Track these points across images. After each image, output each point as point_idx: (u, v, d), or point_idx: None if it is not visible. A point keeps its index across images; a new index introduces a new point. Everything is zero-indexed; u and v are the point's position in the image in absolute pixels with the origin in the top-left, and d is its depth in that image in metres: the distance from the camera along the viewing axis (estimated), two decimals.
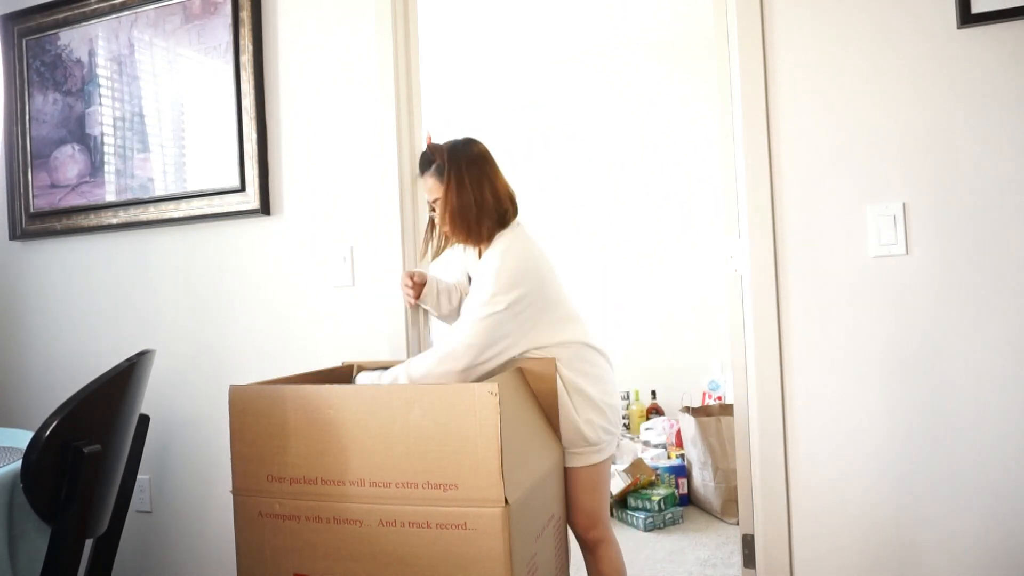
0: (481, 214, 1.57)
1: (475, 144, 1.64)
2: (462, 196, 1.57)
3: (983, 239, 1.52)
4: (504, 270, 1.49)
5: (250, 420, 1.35)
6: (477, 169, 1.59)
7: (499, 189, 1.61)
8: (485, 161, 1.62)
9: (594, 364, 1.61)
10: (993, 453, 1.52)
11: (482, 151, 1.63)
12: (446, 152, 1.60)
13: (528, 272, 1.52)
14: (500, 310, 1.47)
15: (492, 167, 1.63)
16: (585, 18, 3.80)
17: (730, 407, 3.15)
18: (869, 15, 1.60)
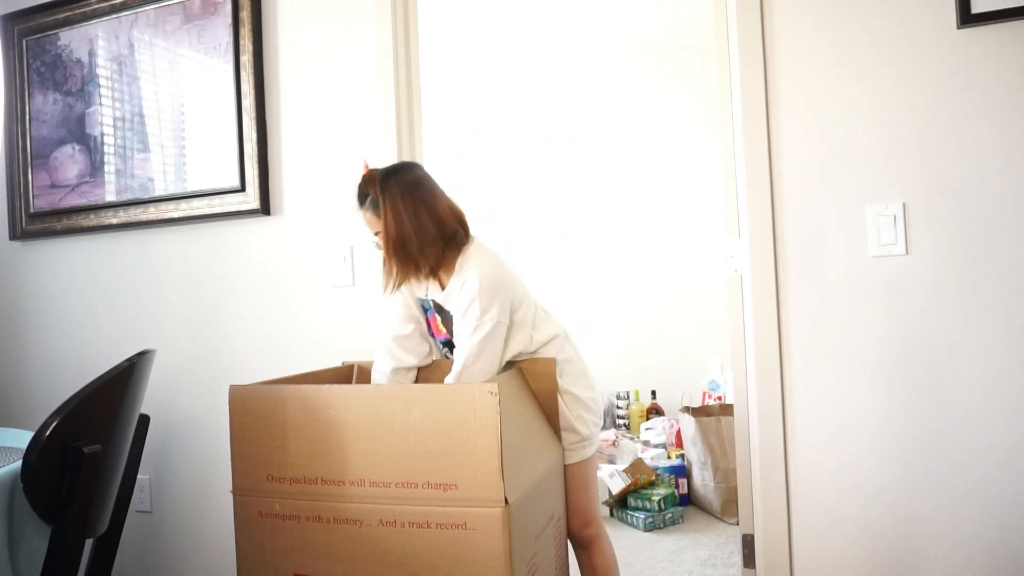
0: (423, 244, 1.50)
1: (409, 171, 1.55)
2: (401, 228, 1.49)
3: (983, 239, 1.52)
4: (484, 289, 1.48)
5: (250, 420, 1.35)
6: (412, 197, 1.50)
7: (440, 214, 1.52)
8: (419, 187, 1.52)
9: (574, 360, 1.65)
10: (993, 453, 1.52)
11: (416, 177, 1.54)
12: (379, 184, 1.52)
13: (502, 280, 1.53)
14: (492, 327, 1.48)
15: (429, 192, 1.53)
16: (584, 19, 3.80)
17: (730, 407, 3.15)
18: (869, 15, 1.60)
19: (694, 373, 4.11)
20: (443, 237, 1.52)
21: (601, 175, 4.44)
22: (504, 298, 1.51)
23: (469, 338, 1.48)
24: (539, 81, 4.58)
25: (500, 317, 1.49)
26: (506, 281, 1.54)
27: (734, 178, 1.80)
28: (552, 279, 4.45)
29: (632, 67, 4.36)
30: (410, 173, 1.55)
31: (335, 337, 2.06)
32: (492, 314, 1.48)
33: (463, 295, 1.50)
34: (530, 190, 4.59)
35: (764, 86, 1.67)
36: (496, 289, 1.50)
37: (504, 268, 1.56)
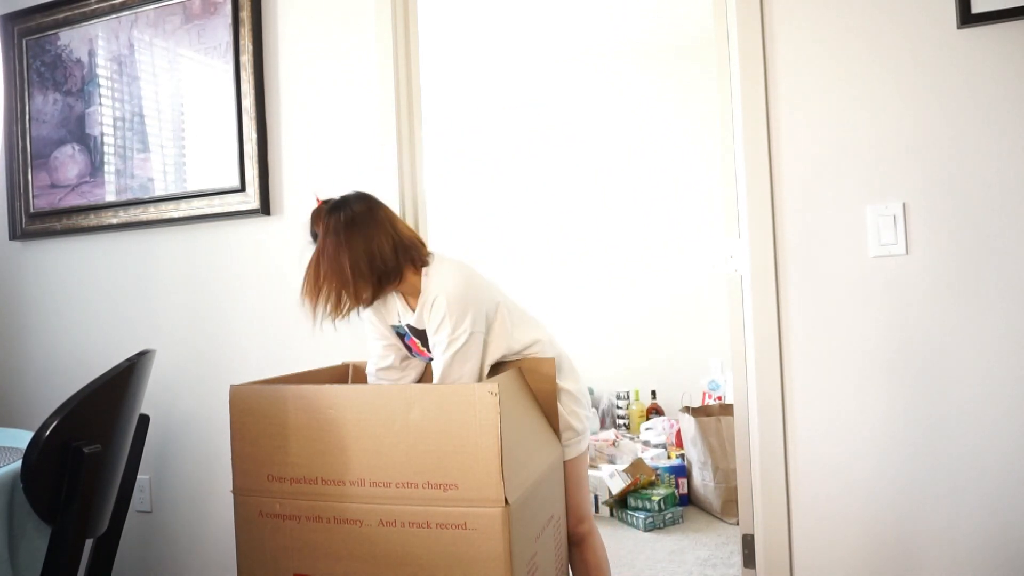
0: (358, 279, 1.49)
1: (351, 205, 1.54)
2: (328, 265, 1.48)
3: (983, 239, 1.53)
4: (452, 303, 1.48)
5: (250, 420, 1.35)
6: (347, 234, 1.49)
7: (376, 251, 1.49)
8: (357, 224, 1.50)
9: (563, 356, 1.67)
10: (993, 453, 1.52)
11: (356, 212, 1.52)
12: (322, 225, 1.52)
13: (470, 292, 1.52)
14: (467, 338, 1.48)
15: (369, 229, 1.51)
16: (584, 21, 3.80)
17: (730, 407, 3.15)
18: (869, 14, 1.60)
19: (694, 373, 4.11)
20: (376, 274, 1.50)
21: (601, 175, 4.44)
22: (477, 308, 1.51)
23: (443, 353, 1.48)
24: (539, 82, 4.58)
25: (475, 327, 1.49)
26: (475, 292, 1.53)
27: (734, 178, 1.80)
28: (552, 279, 4.45)
29: (632, 68, 4.36)
30: (347, 210, 1.52)
31: (335, 337, 2.05)
32: (465, 326, 1.48)
33: (433, 313, 1.50)
34: (530, 190, 4.59)
35: (764, 86, 1.67)
36: (466, 301, 1.49)
37: (470, 278, 1.54)
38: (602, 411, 4.24)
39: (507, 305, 1.62)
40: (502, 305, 1.60)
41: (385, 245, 1.51)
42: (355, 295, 1.50)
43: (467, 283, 1.53)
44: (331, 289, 1.48)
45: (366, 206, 1.55)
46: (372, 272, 1.49)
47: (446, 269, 1.55)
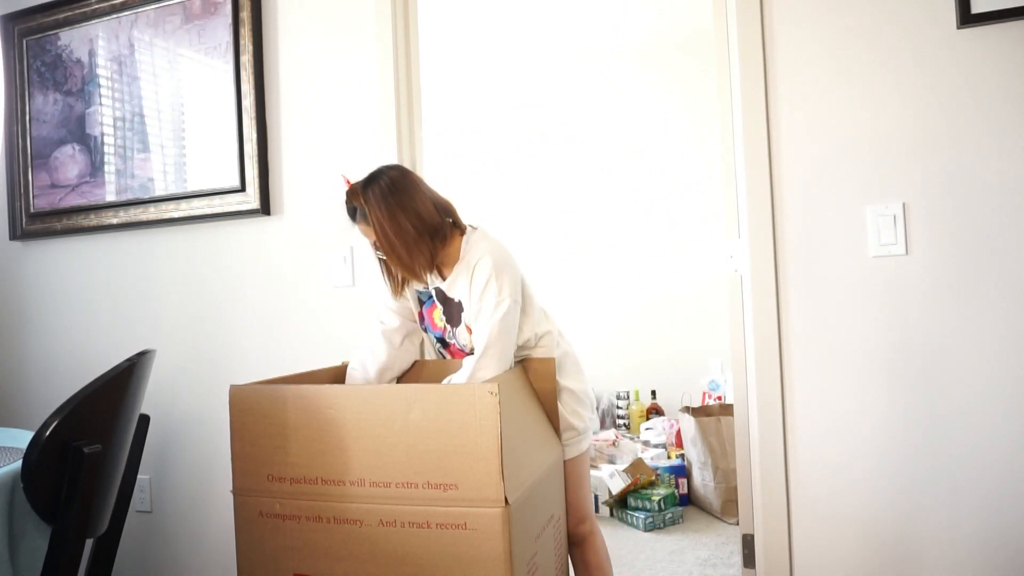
0: (409, 245, 1.52)
1: (386, 172, 1.58)
2: (386, 233, 1.52)
3: (983, 239, 1.53)
4: (498, 268, 1.51)
5: (250, 420, 1.35)
6: (388, 204, 1.52)
7: (423, 213, 1.54)
8: (395, 191, 1.54)
9: (569, 354, 1.67)
10: (993, 453, 1.52)
11: (394, 178, 1.56)
12: (361, 195, 1.56)
13: (511, 263, 1.56)
14: (510, 305, 1.50)
15: (408, 192, 1.55)
16: (583, 20, 3.80)
17: (730, 407, 3.15)
18: (869, 14, 1.60)
19: (694, 373, 4.11)
20: (428, 233, 1.54)
21: (601, 175, 4.44)
22: (515, 279, 1.54)
23: (490, 317, 1.49)
24: (539, 82, 4.58)
25: (515, 296, 1.51)
26: (514, 264, 1.57)
27: (734, 178, 1.80)
28: (552, 279, 4.45)
29: (631, 67, 4.36)
30: (384, 178, 1.56)
31: (335, 337, 2.06)
32: (506, 292, 1.50)
33: (477, 277, 1.51)
34: (530, 190, 4.59)
35: (764, 86, 1.67)
36: (511, 268, 1.53)
37: (509, 251, 1.59)
38: (602, 411, 4.24)
39: (531, 293, 1.63)
40: (528, 292, 1.62)
41: (428, 203, 1.56)
42: (420, 254, 1.54)
43: (508, 253, 1.57)
44: (411, 250, 1.53)
45: (399, 172, 1.59)
46: (425, 230, 1.53)
47: (491, 240, 1.59)
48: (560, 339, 1.67)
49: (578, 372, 1.68)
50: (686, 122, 4.23)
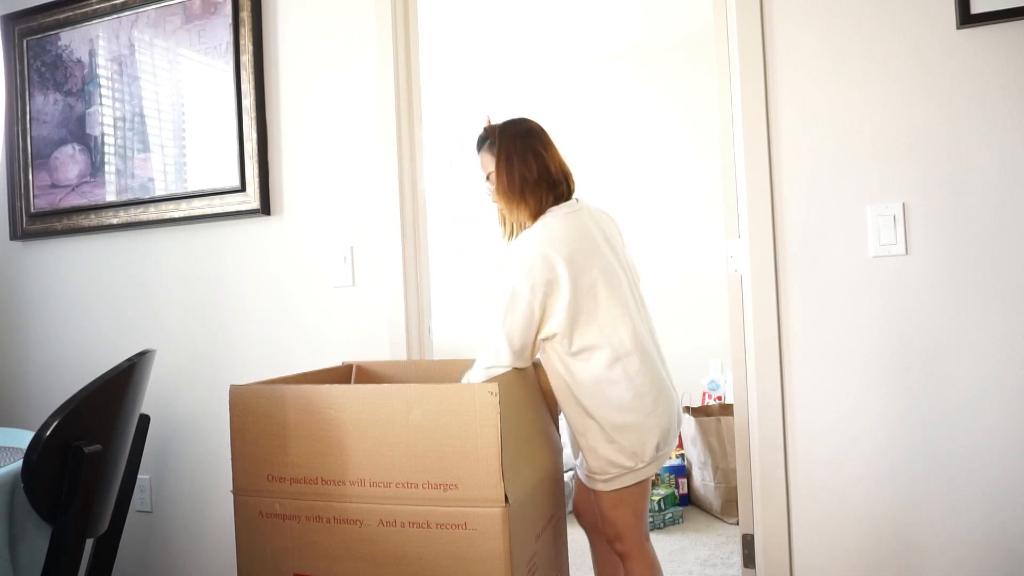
0: (526, 187, 1.54)
1: (527, 121, 1.63)
2: (510, 170, 1.55)
3: (983, 239, 1.53)
4: (527, 246, 1.45)
5: (250, 420, 1.35)
6: (523, 143, 1.56)
7: (548, 164, 1.56)
8: (534, 136, 1.59)
9: (613, 382, 1.44)
10: (993, 453, 1.52)
11: (532, 127, 1.61)
12: (498, 129, 1.61)
13: (551, 245, 1.44)
14: (518, 290, 1.42)
15: (542, 142, 1.59)
16: (582, 21, 3.80)
17: (730, 407, 3.15)
18: (869, 15, 1.60)
19: (694, 373, 4.10)
20: (547, 185, 1.54)
21: (600, 175, 4.44)
22: (546, 262, 1.42)
23: (498, 300, 1.45)
24: (538, 84, 4.58)
25: (533, 280, 1.41)
26: (552, 249, 1.43)
27: (734, 178, 1.80)
28: None
29: (630, 69, 4.36)
30: (528, 123, 1.61)
31: (335, 337, 2.06)
32: (523, 273, 1.43)
33: (512, 253, 1.49)
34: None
35: (764, 86, 1.67)
36: (541, 250, 1.43)
37: (565, 237, 1.46)
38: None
39: (582, 298, 1.45)
40: (582, 299, 1.44)
41: (556, 160, 1.58)
42: (530, 200, 1.54)
43: (559, 236, 1.46)
44: (524, 191, 1.53)
45: (538, 125, 1.62)
46: (545, 181, 1.55)
47: (566, 217, 1.51)
48: (613, 367, 1.44)
49: (615, 406, 1.44)
50: (685, 122, 4.23)
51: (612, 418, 1.44)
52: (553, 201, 1.55)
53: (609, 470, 1.46)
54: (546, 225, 1.49)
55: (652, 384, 1.47)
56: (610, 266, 1.51)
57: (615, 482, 1.47)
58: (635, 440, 1.45)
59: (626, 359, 1.45)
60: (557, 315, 1.43)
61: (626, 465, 1.45)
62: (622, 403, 1.44)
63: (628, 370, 1.44)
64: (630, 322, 1.49)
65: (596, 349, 1.44)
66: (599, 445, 1.46)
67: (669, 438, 1.51)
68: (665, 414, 1.49)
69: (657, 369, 1.51)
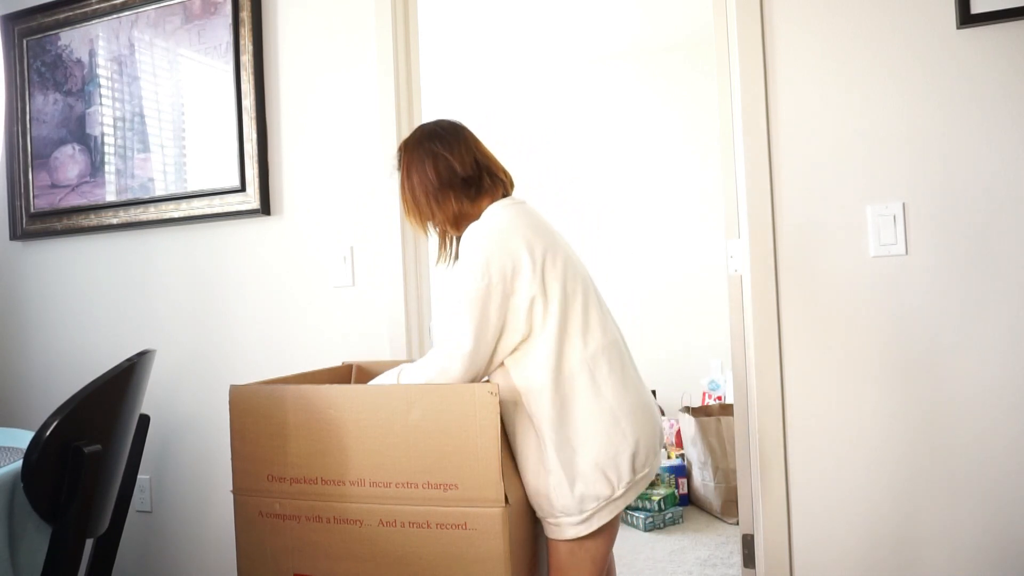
0: (430, 195, 1.36)
1: (430, 124, 1.44)
2: (411, 184, 1.38)
3: (983, 239, 1.53)
4: (477, 239, 1.27)
5: (250, 420, 1.35)
6: (421, 150, 1.38)
7: (454, 164, 1.36)
8: (434, 138, 1.39)
9: (570, 409, 1.24)
10: (992, 453, 1.52)
11: (431, 129, 1.41)
12: (401, 145, 1.44)
13: (506, 236, 1.26)
14: (475, 287, 1.23)
15: (445, 142, 1.38)
16: (582, 20, 3.80)
17: (730, 407, 3.15)
18: (869, 15, 1.61)
19: (694, 373, 4.11)
20: (459, 185, 1.36)
21: (600, 175, 4.44)
22: (504, 256, 1.24)
23: (451, 307, 1.26)
24: (537, 84, 4.58)
25: (489, 276, 1.23)
26: (510, 241, 1.25)
27: (734, 178, 1.80)
28: None
29: (630, 69, 4.36)
30: (427, 127, 1.43)
31: (335, 337, 2.06)
32: (478, 270, 1.23)
33: (460, 251, 1.30)
34: (530, 191, 4.59)
35: (764, 86, 1.67)
36: (497, 241, 1.26)
37: (520, 223, 1.28)
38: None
39: (581, 306, 1.27)
40: (581, 301, 1.27)
41: (468, 157, 1.38)
42: (440, 207, 1.37)
43: (512, 227, 1.27)
44: (428, 200, 1.37)
45: (450, 123, 1.44)
46: (455, 182, 1.35)
47: (508, 208, 1.32)
48: (579, 383, 1.25)
49: (582, 437, 1.24)
50: (685, 122, 4.23)
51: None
52: (476, 198, 1.37)
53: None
54: (492, 214, 1.31)
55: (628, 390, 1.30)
56: (574, 256, 1.34)
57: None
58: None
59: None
60: (525, 315, 1.24)
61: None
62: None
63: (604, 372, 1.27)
64: (607, 318, 1.33)
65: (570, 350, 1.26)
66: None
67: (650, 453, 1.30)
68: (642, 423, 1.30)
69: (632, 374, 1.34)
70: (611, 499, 1.24)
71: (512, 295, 1.24)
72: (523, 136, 4.61)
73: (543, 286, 1.24)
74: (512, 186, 1.45)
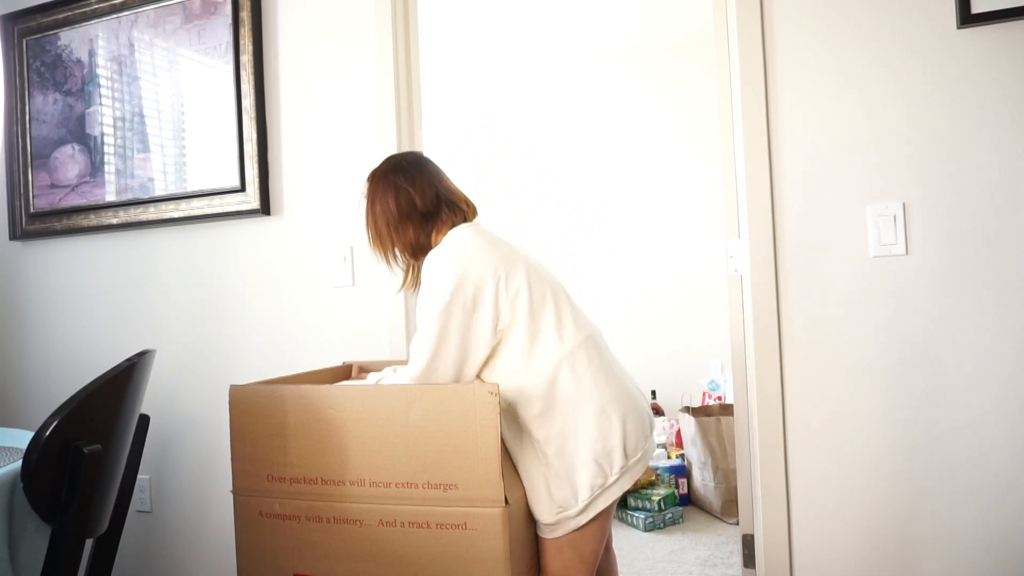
0: (390, 227, 1.43)
1: (395, 156, 1.51)
2: (373, 216, 1.45)
3: (983, 239, 1.53)
4: (440, 261, 1.32)
5: (250, 420, 1.35)
6: (384, 183, 1.44)
7: (415, 197, 1.42)
8: (397, 171, 1.45)
9: (556, 404, 1.29)
10: (993, 453, 1.52)
11: (396, 162, 1.48)
12: (371, 173, 1.50)
13: (468, 256, 1.32)
14: (439, 308, 1.29)
15: (408, 174, 1.44)
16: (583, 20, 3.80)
17: (730, 407, 3.15)
18: (869, 14, 1.61)
19: (694, 373, 4.11)
20: (419, 217, 1.42)
21: (600, 176, 4.44)
22: (465, 275, 1.29)
23: (418, 325, 1.32)
24: (537, 84, 4.58)
25: (454, 293, 1.28)
26: (472, 261, 1.31)
27: (734, 178, 1.80)
28: None
29: (630, 70, 4.36)
30: (396, 157, 1.49)
31: (335, 337, 2.06)
32: (446, 288, 1.28)
33: (423, 275, 1.35)
34: (530, 191, 4.59)
35: (764, 86, 1.67)
36: (459, 261, 1.31)
37: (481, 243, 1.34)
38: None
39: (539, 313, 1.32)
40: (531, 289, 1.32)
41: (429, 190, 1.43)
42: (399, 237, 1.44)
43: (475, 248, 1.33)
44: (388, 231, 1.44)
45: (414, 156, 1.51)
46: (415, 214, 1.41)
47: (467, 232, 1.37)
48: (555, 386, 1.29)
49: (561, 434, 1.28)
50: (685, 122, 4.23)
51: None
52: (433, 231, 1.43)
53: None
54: (452, 238, 1.37)
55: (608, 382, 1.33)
56: (535, 264, 1.39)
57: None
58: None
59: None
60: (492, 327, 1.29)
61: None
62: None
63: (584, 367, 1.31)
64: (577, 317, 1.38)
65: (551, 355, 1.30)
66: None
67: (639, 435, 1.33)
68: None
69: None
70: (605, 486, 1.28)
71: (475, 311, 1.29)
72: (523, 136, 4.61)
73: (509, 297, 1.30)
74: (475, 214, 1.50)
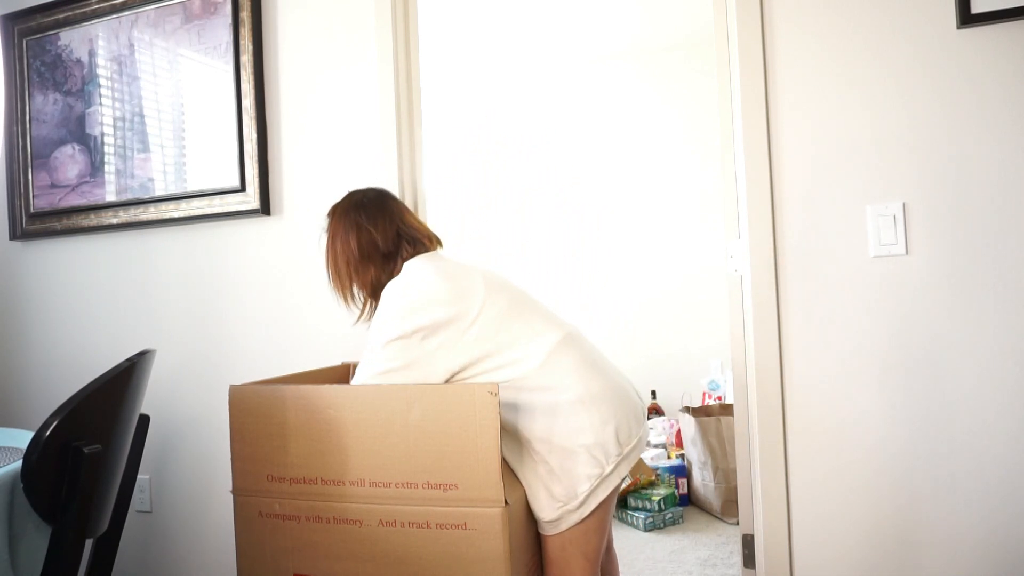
0: (361, 262, 1.46)
1: (358, 192, 1.55)
2: (333, 255, 1.50)
3: (983, 239, 1.53)
4: (392, 294, 1.36)
5: (250, 420, 1.35)
6: (346, 221, 1.48)
7: (376, 237, 1.46)
8: (359, 209, 1.49)
9: (543, 404, 1.32)
10: (993, 453, 1.52)
11: (358, 199, 1.51)
12: (333, 208, 1.54)
13: (417, 289, 1.36)
14: (392, 337, 1.32)
15: (368, 213, 1.48)
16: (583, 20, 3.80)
17: (730, 407, 3.15)
18: (869, 15, 1.61)
19: (694, 373, 4.11)
20: (379, 257, 1.46)
21: (600, 176, 4.44)
22: (413, 308, 1.33)
23: (365, 354, 1.37)
24: (537, 84, 4.58)
25: (403, 329, 1.32)
26: (421, 291, 1.34)
27: (734, 178, 1.80)
28: (551, 280, 4.45)
29: (630, 70, 4.36)
30: (358, 194, 1.54)
31: (335, 337, 2.06)
32: (392, 326, 1.32)
33: (377, 311, 1.40)
34: (530, 191, 4.59)
35: (764, 86, 1.67)
36: (409, 295, 1.35)
37: (436, 271, 1.38)
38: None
39: (482, 331, 1.34)
40: (482, 333, 1.34)
41: (390, 229, 1.48)
42: (357, 276, 1.48)
43: (423, 279, 1.36)
44: (348, 270, 1.48)
45: (376, 193, 1.55)
46: (375, 254, 1.46)
47: (420, 264, 1.41)
48: (535, 391, 1.32)
49: (549, 433, 1.31)
50: (685, 122, 4.23)
51: None
52: (394, 271, 1.46)
53: None
54: (409, 269, 1.41)
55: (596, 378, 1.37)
56: (497, 280, 1.42)
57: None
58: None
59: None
60: (456, 353, 1.32)
61: None
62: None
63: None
64: (547, 319, 1.41)
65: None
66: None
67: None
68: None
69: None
70: (603, 476, 1.30)
71: (426, 339, 1.31)
72: (523, 136, 4.61)
73: (467, 321, 1.32)
74: (437, 245, 1.53)
